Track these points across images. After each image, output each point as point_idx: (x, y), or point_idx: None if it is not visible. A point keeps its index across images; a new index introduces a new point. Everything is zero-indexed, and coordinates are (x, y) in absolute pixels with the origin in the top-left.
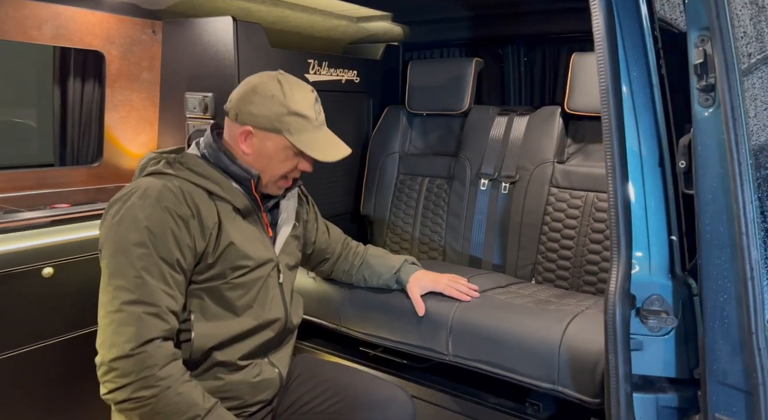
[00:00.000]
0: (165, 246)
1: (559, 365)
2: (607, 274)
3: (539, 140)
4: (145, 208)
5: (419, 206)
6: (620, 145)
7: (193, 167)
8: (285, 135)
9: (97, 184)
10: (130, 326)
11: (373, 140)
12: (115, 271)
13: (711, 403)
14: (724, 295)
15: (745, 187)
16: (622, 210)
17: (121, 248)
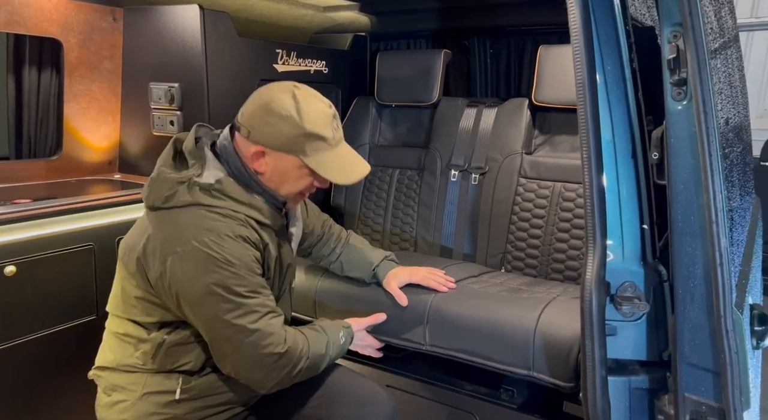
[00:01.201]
0: (249, 269)
1: (534, 352)
2: (574, 262)
3: (508, 132)
4: (221, 245)
5: (390, 198)
6: (596, 137)
7: (233, 195)
8: (300, 156)
9: (57, 178)
10: (269, 336)
11: (343, 132)
12: (223, 310)
13: (681, 383)
14: (694, 281)
15: (715, 178)
16: (598, 200)
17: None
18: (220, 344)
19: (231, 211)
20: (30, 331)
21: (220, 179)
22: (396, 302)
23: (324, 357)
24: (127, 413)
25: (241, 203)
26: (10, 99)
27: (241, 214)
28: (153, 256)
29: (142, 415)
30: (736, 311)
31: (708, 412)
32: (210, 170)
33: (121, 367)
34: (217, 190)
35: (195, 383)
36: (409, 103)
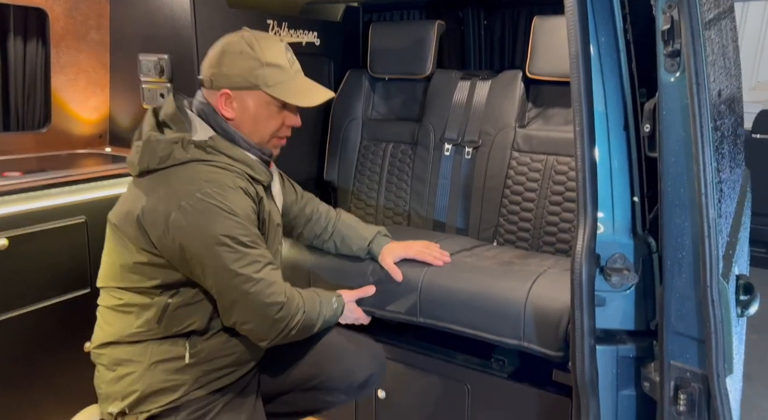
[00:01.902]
0: (249, 220)
1: (525, 323)
2: (566, 235)
3: (501, 105)
4: (223, 195)
5: (383, 172)
6: (588, 109)
7: (227, 151)
8: (263, 89)
9: (47, 151)
10: (272, 285)
11: (335, 105)
12: (230, 260)
13: (666, 351)
14: (683, 252)
15: (705, 150)
16: (589, 173)
17: (219, 242)
18: (229, 294)
19: (228, 165)
20: (24, 304)
21: (213, 136)
22: (390, 276)
23: (317, 316)
24: (137, 384)
25: (234, 159)
26: None
27: (236, 168)
28: (155, 214)
29: (153, 384)
30: (722, 281)
31: (692, 379)
32: (199, 130)
33: (125, 340)
34: (211, 146)
35: (202, 346)
36: (402, 75)
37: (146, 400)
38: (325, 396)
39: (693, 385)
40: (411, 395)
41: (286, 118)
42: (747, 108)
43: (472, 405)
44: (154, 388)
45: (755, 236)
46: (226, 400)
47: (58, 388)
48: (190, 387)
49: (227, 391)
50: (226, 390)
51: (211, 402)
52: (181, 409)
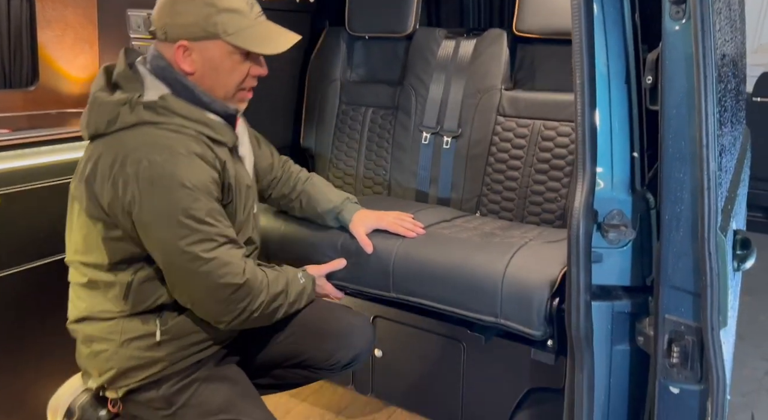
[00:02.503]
0: (207, 191)
1: (502, 299)
2: (551, 204)
3: (487, 66)
4: (174, 163)
5: (363, 139)
6: (589, 62)
7: (180, 112)
8: (223, 38)
9: (36, 110)
10: (226, 266)
11: (312, 66)
12: (176, 236)
13: (662, 305)
14: (681, 206)
15: (708, 101)
16: (589, 128)
17: (167, 214)
18: (174, 272)
19: (181, 127)
20: (18, 263)
21: (164, 95)
22: (362, 249)
23: (283, 296)
24: (111, 362)
25: (190, 119)
26: None
27: (192, 130)
28: (103, 181)
29: (128, 361)
30: (720, 234)
31: (686, 332)
32: (151, 89)
33: (95, 316)
34: (162, 107)
35: (173, 323)
36: (382, 34)
37: (123, 376)
38: (309, 373)
39: (687, 338)
40: (407, 354)
41: (250, 67)
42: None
43: (467, 362)
44: (130, 365)
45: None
46: (207, 371)
47: (49, 350)
48: (166, 362)
49: (207, 362)
50: (206, 361)
51: (192, 373)
52: (161, 382)
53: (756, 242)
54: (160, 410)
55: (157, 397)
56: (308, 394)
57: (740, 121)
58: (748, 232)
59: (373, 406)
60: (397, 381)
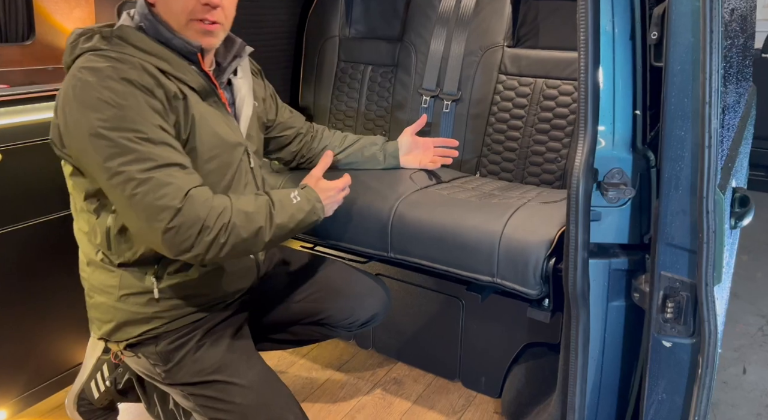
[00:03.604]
0: (141, 115)
1: (498, 258)
2: (551, 165)
3: (489, 22)
4: (106, 85)
5: (362, 98)
6: (594, 18)
7: (135, 43)
8: None
9: (33, 65)
10: (164, 187)
11: (310, 22)
12: (111, 155)
13: (658, 262)
14: (681, 164)
15: (713, 57)
16: (592, 86)
17: (101, 134)
18: (114, 199)
19: (124, 55)
20: (27, 217)
21: (121, 26)
22: (360, 208)
23: (267, 221)
24: (110, 314)
25: (143, 51)
26: None
27: (137, 59)
28: (54, 113)
29: (126, 315)
30: (719, 192)
31: (681, 288)
32: (120, 23)
33: (93, 265)
34: (117, 36)
35: (170, 281)
36: None
37: (121, 329)
38: (327, 331)
39: (681, 294)
40: (407, 310)
41: None
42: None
43: (466, 318)
44: (127, 319)
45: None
46: (205, 331)
47: (54, 304)
48: (164, 320)
49: (208, 321)
50: (206, 320)
51: (190, 332)
52: (160, 339)
53: (756, 201)
54: (157, 366)
55: (155, 352)
56: (310, 348)
57: (746, 78)
58: (749, 190)
59: (374, 360)
60: (397, 336)
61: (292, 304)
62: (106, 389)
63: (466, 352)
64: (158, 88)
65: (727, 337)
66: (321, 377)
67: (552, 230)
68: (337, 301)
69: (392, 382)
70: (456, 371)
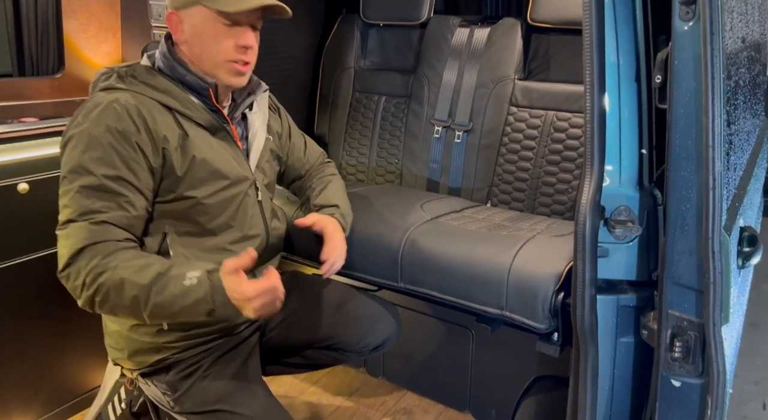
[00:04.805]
0: (108, 164)
1: (507, 291)
2: (562, 196)
3: (500, 55)
4: (87, 126)
5: (376, 127)
6: (600, 59)
7: (146, 80)
8: (204, 3)
9: (61, 97)
10: (72, 237)
11: (326, 53)
12: (62, 193)
13: (666, 300)
14: (687, 205)
15: (715, 102)
16: (598, 124)
17: (67, 171)
18: None
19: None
20: (48, 245)
21: (136, 65)
22: (371, 237)
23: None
24: (122, 343)
25: (154, 88)
26: (8, 15)
27: (146, 96)
28: None
29: (137, 345)
30: (724, 233)
31: (688, 327)
32: (141, 62)
33: None
34: (131, 75)
35: None
36: (396, 22)
37: (133, 358)
38: (339, 355)
39: (689, 333)
40: (418, 339)
41: (237, 37)
42: None
43: (476, 349)
44: (138, 348)
45: None
46: (213, 360)
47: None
48: (174, 350)
49: (216, 350)
50: (214, 350)
51: (198, 361)
52: (170, 368)
53: None
54: (166, 394)
55: (165, 381)
56: (321, 376)
57: (756, 115)
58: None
59: (384, 389)
60: (407, 365)
61: (304, 328)
62: (123, 412)
63: (476, 384)
64: (139, 134)
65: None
66: (331, 405)
67: (561, 264)
68: (349, 326)
69: (402, 411)
70: (466, 402)
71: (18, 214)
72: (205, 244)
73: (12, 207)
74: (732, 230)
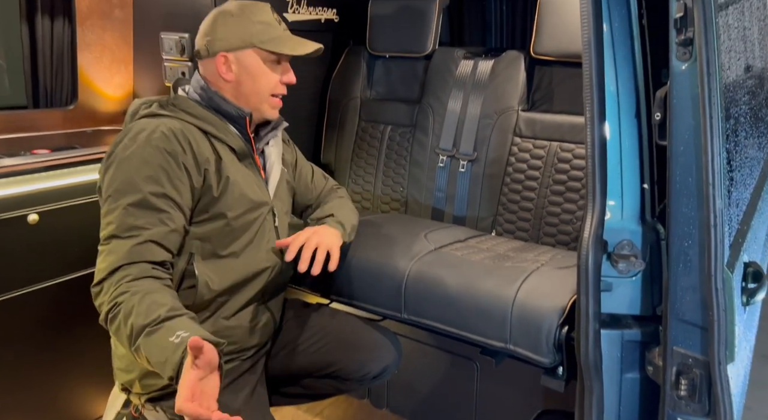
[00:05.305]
0: (156, 181)
1: (511, 324)
2: (567, 226)
3: (504, 86)
4: (135, 148)
5: (381, 156)
6: (600, 96)
7: (187, 109)
8: (257, 46)
9: (73, 128)
10: (114, 254)
11: (333, 84)
12: (107, 211)
13: (670, 337)
14: (689, 241)
15: (714, 140)
16: (599, 159)
17: (113, 190)
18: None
19: (172, 119)
20: (55, 275)
21: (177, 96)
22: (374, 267)
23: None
24: (131, 366)
25: (193, 115)
26: (25, 48)
27: (186, 120)
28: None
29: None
30: (727, 270)
31: (694, 365)
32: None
33: None
34: (172, 104)
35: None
36: (402, 53)
37: (143, 380)
38: (339, 384)
39: (695, 371)
40: (422, 370)
41: (282, 75)
42: None
43: (481, 381)
44: (148, 370)
45: None
46: (223, 385)
47: (81, 358)
48: None
49: (227, 375)
50: (226, 375)
51: None
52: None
53: None
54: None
55: (173, 406)
56: (324, 406)
57: (762, 147)
58: None
59: None
60: (411, 397)
61: (304, 356)
62: None
63: (481, 416)
64: (185, 154)
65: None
66: None
67: (565, 297)
68: (349, 353)
69: None
70: None
71: (27, 244)
72: (226, 265)
73: (21, 238)
74: (735, 267)
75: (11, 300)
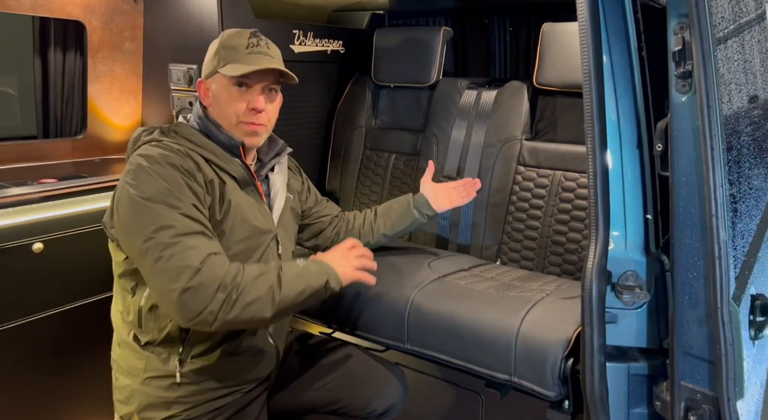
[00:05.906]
0: (184, 194)
1: (515, 357)
2: (572, 256)
3: (508, 116)
4: (154, 168)
5: (386, 184)
6: (601, 128)
7: (188, 136)
8: (219, 72)
9: (81, 157)
10: (193, 248)
11: (339, 113)
12: (147, 222)
13: (678, 371)
14: (694, 273)
15: (716, 171)
16: (602, 190)
17: (142, 205)
18: (143, 267)
19: (178, 146)
20: (59, 304)
21: (179, 123)
22: (377, 296)
23: (268, 276)
24: (133, 397)
25: (194, 143)
26: (37, 80)
27: (186, 148)
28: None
29: (147, 399)
30: (733, 303)
31: (702, 400)
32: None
33: (123, 345)
34: (173, 131)
35: (194, 366)
36: (406, 83)
37: (142, 414)
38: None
39: (704, 407)
40: (426, 402)
41: (249, 100)
42: None
43: (486, 415)
44: (149, 402)
45: None
46: (227, 417)
47: (85, 386)
48: (186, 405)
49: (228, 409)
50: (227, 408)
51: (212, 418)
52: None
53: None
54: None
55: None
56: None
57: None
58: None
59: None
60: None
61: (308, 391)
62: None
63: None
64: (198, 172)
65: None
66: None
67: (569, 329)
68: (354, 390)
69: None
70: None
71: (32, 273)
72: None
73: (26, 266)
74: (742, 299)
75: (15, 328)
